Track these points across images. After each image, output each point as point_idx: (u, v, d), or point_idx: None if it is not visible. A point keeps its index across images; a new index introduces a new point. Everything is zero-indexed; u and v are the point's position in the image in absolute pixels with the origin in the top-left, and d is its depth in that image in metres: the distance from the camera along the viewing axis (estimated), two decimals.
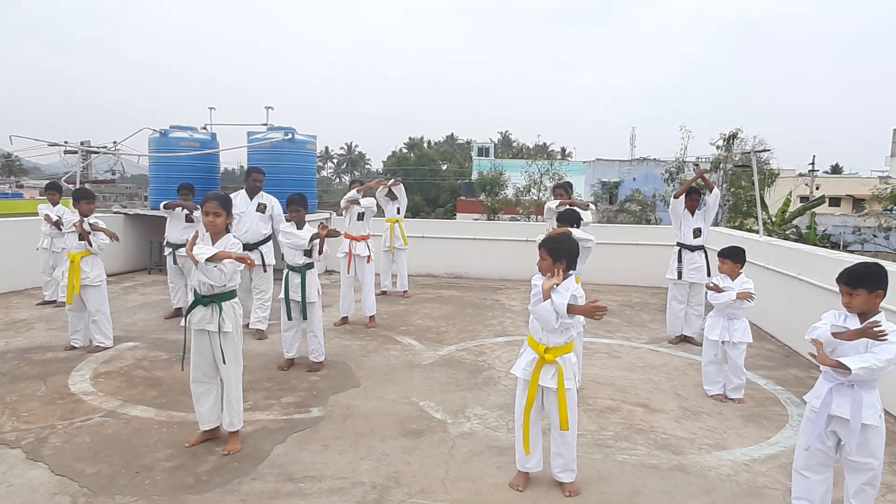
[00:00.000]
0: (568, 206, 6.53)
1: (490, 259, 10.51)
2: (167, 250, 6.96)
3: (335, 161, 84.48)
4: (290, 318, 5.14)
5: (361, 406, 4.35)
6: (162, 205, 6.92)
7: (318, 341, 5.21)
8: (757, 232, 9.30)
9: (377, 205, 7.59)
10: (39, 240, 7.66)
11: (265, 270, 6.34)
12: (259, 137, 10.21)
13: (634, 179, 30.79)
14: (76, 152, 12.65)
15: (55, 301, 7.63)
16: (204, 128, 11.57)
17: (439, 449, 3.67)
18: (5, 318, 6.78)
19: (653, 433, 3.98)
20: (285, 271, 5.12)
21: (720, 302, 4.51)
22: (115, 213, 11.09)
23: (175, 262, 6.89)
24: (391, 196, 8.51)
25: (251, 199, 6.37)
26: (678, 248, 6.15)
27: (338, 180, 79.16)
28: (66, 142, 12.18)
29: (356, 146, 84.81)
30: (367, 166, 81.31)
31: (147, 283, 9.42)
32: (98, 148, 12.52)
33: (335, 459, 3.51)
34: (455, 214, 35.98)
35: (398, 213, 8.71)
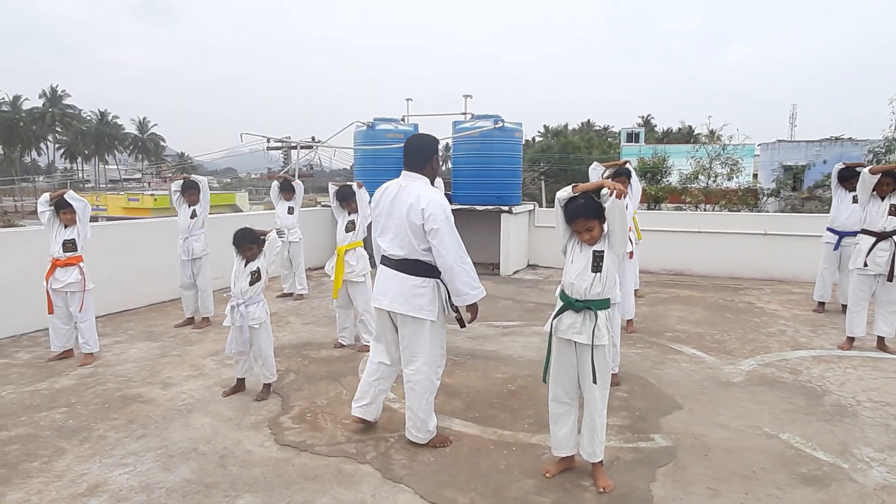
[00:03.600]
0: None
1: (718, 255, 9.37)
2: None
3: None
4: None
5: (709, 435, 3.66)
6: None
7: (615, 350, 4.61)
8: None
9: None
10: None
11: (465, 325, 3.47)
12: (466, 127, 9.88)
13: (825, 162, 27.30)
14: (279, 148, 13.18)
15: (293, 293, 7.79)
16: (402, 119, 11.53)
17: None
18: None
19: None
20: None
21: None
22: (322, 206, 11.38)
23: None
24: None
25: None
26: None
27: None
28: (288, 137, 12.74)
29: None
30: None
31: None
32: (312, 143, 12.96)
33: None
34: None
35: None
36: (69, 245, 4.82)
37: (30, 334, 5.76)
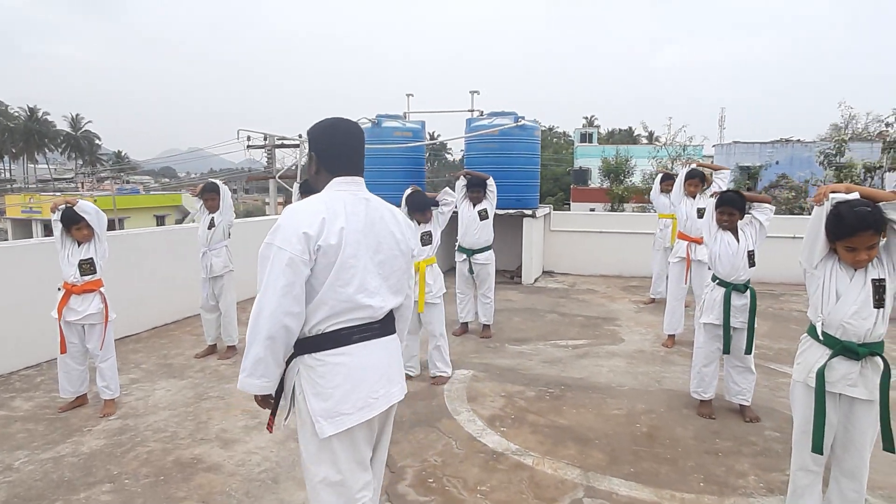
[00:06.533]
0: None
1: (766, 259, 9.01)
2: (460, 256, 5.96)
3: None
4: (727, 351, 3.99)
5: None
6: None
7: (753, 377, 4.06)
8: None
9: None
10: None
11: None
12: (484, 125, 9.16)
13: (777, 163, 28.15)
14: (262, 147, 12.15)
15: None
16: (404, 116, 10.72)
17: None
18: None
19: None
20: (722, 291, 3.95)
21: None
22: None
23: (470, 272, 5.89)
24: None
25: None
26: None
27: None
28: (284, 137, 11.67)
29: (438, 134, 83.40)
30: (448, 156, 79.35)
31: None
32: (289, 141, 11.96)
33: None
34: (568, 204, 34.37)
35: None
36: (86, 266, 3.82)
37: (20, 373, 4.69)
